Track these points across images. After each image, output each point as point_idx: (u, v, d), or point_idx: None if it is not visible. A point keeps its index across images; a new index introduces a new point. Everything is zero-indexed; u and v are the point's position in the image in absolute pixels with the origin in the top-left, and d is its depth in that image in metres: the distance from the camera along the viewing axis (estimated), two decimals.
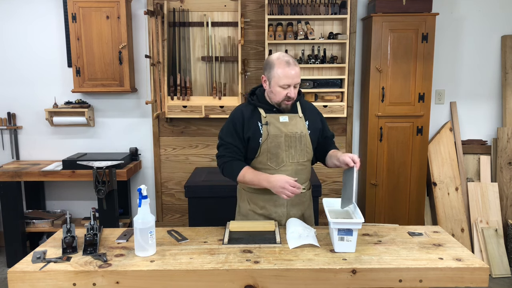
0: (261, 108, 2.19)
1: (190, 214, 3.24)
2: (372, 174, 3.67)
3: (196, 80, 3.78)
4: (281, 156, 2.17)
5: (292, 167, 2.19)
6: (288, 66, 2.07)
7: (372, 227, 2.24)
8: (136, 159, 3.87)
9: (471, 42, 3.84)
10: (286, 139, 2.17)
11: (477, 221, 3.74)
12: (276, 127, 2.16)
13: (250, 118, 2.18)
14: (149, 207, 1.89)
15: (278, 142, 2.16)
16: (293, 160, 2.19)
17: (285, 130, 2.16)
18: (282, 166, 2.18)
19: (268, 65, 2.13)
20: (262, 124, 2.16)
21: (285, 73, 2.06)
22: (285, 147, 2.17)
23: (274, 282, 1.76)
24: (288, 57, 2.10)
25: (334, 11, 3.56)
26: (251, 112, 2.19)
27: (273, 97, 2.15)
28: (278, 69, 2.07)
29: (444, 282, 1.78)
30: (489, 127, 3.95)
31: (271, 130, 2.16)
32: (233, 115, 2.22)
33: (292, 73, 2.07)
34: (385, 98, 3.56)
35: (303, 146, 2.20)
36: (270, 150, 2.17)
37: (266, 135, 2.15)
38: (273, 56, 2.13)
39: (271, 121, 2.17)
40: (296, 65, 2.10)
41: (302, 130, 2.20)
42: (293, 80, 2.08)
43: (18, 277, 1.74)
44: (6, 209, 3.58)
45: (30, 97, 3.87)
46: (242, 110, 2.21)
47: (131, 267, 1.77)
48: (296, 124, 2.19)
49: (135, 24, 3.78)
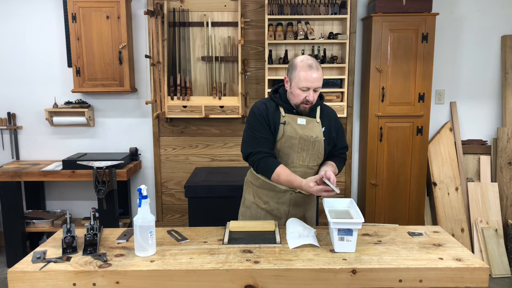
0: (281, 107, 2.20)
1: (190, 214, 3.24)
2: (372, 174, 3.67)
3: (196, 80, 3.78)
4: (292, 157, 2.19)
5: (301, 170, 2.20)
6: (310, 69, 2.07)
7: (372, 227, 2.24)
8: (136, 159, 3.87)
9: (471, 42, 3.84)
10: (300, 142, 2.17)
11: (477, 221, 3.74)
12: (293, 128, 2.17)
13: (273, 112, 2.19)
14: (149, 207, 1.89)
15: (291, 143, 2.17)
16: (303, 163, 2.20)
17: (301, 133, 2.17)
18: (291, 167, 2.19)
19: (291, 66, 2.14)
20: (280, 122, 2.17)
21: (305, 76, 2.07)
22: (297, 149, 2.18)
23: (274, 282, 1.76)
24: (312, 61, 2.10)
25: (334, 11, 3.56)
26: (274, 108, 2.20)
27: (293, 98, 2.16)
28: (300, 71, 2.08)
29: (444, 282, 1.78)
30: (489, 127, 3.95)
31: (287, 130, 2.17)
32: (258, 108, 2.19)
33: (313, 76, 2.07)
34: (385, 98, 3.56)
35: (315, 151, 2.20)
36: (283, 149, 2.18)
37: (282, 134, 2.17)
38: (298, 58, 2.14)
39: (289, 121, 2.18)
40: (318, 69, 2.09)
41: (318, 135, 2.20)
42: (313, 84, 2.08)
43: (18, 277, 1.74)
44: (6, 209, 3.57)
45: (30, 97, 3.87)
46: (266, 104, 2.21)
47: (131, 267, 1.77)
48: (313, 128, 2.20)
49: (135, 24, 3.78)
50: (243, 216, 2.38)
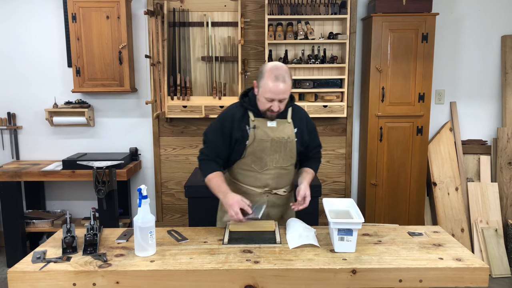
0: (251, 111, 2.20)
1: (190, 214, 3.24)
2: (372, 174, 3.67)
3: (196, 80, 3.78)
4: (265, 160, 2.20)
5: (275, 171, 2.23)
6: (277, 81, 2.03)
7: (372, 227, 2.24)
8: (136, 159, 3.87)
9: (471, 42, 3.84)
10: (272, 144, 2.18)
11: (477, 221, 3.74)
12: (264, 131, 2.17)
13: (240, 120, 2.19)
14: (149, 207, 1.89)
15: (263, 147, 2.18)
16: (276, 164, 2.22)
17: (272, 135, 2.18)
18: (266, 170, 2.21)
19: (261, 72, 2.11)
20: (250, 127, 2.17)
21: (271, 88, 2.04)
22: (270, 152, 2.19)
23: (274, 282, 1.76)
24: (280, 72, 2.05)
25: (334, 11, 3.56)
26: (241, 115, 2.20)
27: (259, 105, 2.16)
28: (267, 80, 2.05)
29: (444, 282, 1.78)
30: (489, 127, 3.95)
31: (258, 134, 2.17)
32: (224, 115, 2.23)
33: (278, 89, 2.03)
34: (385, 98, 3.56)
35: (288, 152, 2.22)
36: (255, 153, 2.19)
37: (253, 138, 2.17)
38: (268, 65, 2.10)
39: (259, 125, 2.18)
40: (285, 81, 2.04)
41: (289, 136, 2.20)
42: (278, 96, 2.06)
43: (18, 277, 1.74)
44: (6, 209, 3.57)
45: (30, 97, 3.87)
46: (233, 112, 2.21)
47: (131, 267, 1.77)
48: (284, 129, 2.20)
49: (135, 24, 3.78)
50: (221, 221, 2.39)
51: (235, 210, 2.01)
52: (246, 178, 2.26)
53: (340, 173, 4.00)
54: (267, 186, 2.25)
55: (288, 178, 2.30)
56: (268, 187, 2.25)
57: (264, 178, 2.23)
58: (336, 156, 3.97)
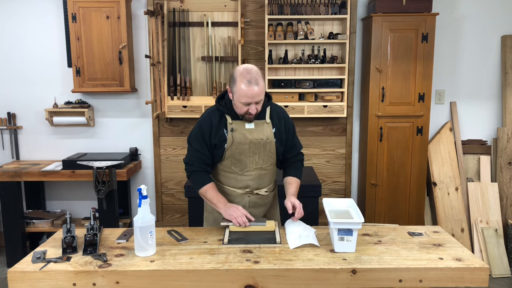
0: (228, 114, 2.19)
1: (190, 214, 3.24)
2: (372, 174, 3.67)
3: (196, 80, 3.78)
4: (244, 162, 2.20)
5: (255, 172, 2.23)
6: (250, 85, 2.03)
7: (372, 227, 2.24)
8: (136, 159, 3.87)
9: (471, 42, 3.84)
10: (251, 146, 2.18)
11: (477, 221, 3.74)
12: (242, 134, 2.17)
13: (217, 125, 2.18)
14: (149, 207, 1.89)
15: (242, 149, 2.18)
16: (256, 166, 2.22)
17: (250, 137, 2.17)
18: (246, 171, 2.22)
19: (232, 78, 2.10)
20: (228, 130, 2.17)
21: (245, 92, 2.03)
22: (249, 153, 2.19)
23: (274, 282, 1.76)
24: (252, 75, 2.04)
25: (334, 11, 3.56)
26: (219, 119, 2.19)
27: (236, 109, 2.15)
28: (240, 85, 2.04)
29: (444, 282, 1.78)
30: (489, 127, 3.95)
31: (236, 137, 2.16)
32: (202, 121, 2.21)
33: (252, 92, 2.03)
34: (385, 98, 3.56)
35: (267, 152, 2.22)
36: (234, 156, 2.19)
37: (231, 141, 2.16)
38: (238, 70, 2.09)
39: (237, 127, 2.17)
40: (258, 83, 2.04)
41: (268, 136, 2.20)
42: (254, 99, 2.05)
43: (18, 277, 1.74)
44: (6, 209, 3.57)
45: (30, 97, 3.87)
46: (210, 116, 2.20)
47: (131, 267, 1.77)
48: (262, 130, 2.20)
49: (135, 24, 3.78)
50: (207, 221, 2.41)
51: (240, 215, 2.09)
52: (227, 179, 2.26)
53: (340, 173, 4.00)
54: (248, 187, 2.25)
55: (269, 178, 2.30)
56: (249, 188, 2.26)
57: (244, 179, 2.24)
58: (336, 156, 3.97)
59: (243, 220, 2.09)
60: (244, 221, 2.09)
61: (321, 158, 3.95)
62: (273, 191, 2.38)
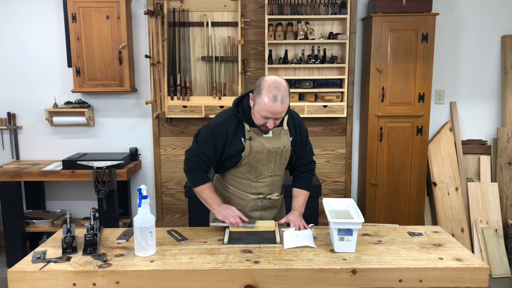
0: (245, 122, 2.12)
1: (190, 214, 3.24)
2: (372, 174, 3.67)
3: (196, 80, 3.78)
4: (260, 169, 2.18)
5: (270, 179, 2.23)
6: (275, 101, 1.94)
7: (372, 227, 2.24)
8: (136, 159, 3.87)
9: (471, 42, 3.84)
10: (268, 154, 2.15)
11: (477, 221, 3.74)
12: (260, 142, 2.12)
13: (234, 134, 2.11)
14: (149, 207, 1.90)
15: (259, 158, 2.15)
16: (271, 173, 2.22)
17: (268, 146, 2.13)
18: (261, 178, 2.21)
19: (258, 88, 2.00)
20: (246, 138, 2.11)
21: (268, 108, 1.95)
22: (265, 162, 2.17)
23: (274, 282, 1.76)
24: (278, 91, 1.94)
25: (334, 11, 3.56)
26: (235, 127, 2.12)
27: (254, 119, 2.07)
28: (264, 99, 1.95)
29: (444, 282, 1.78)
30: (489, 127, 3.95)
31: (254, 146, 2.12)
32: (216, 128, 2.12)
33: (274, 110, 1.96)
34: (385, 98, 3.56)
35: (282, 160, 2.21)
36: (250, 164, 2.16)
37: (249, 150, 2.12)
38: (267, 81, 1.98)
39: (255, 136, 2.12)
40: (283, 102, 1.95)
41: (285, 145, 2.17)
42: (275, 116, 1.98)
43: (18, 277, 1.74)
44: (6, 209, 3.57)
45: (30, 97, 3.86)
46: (226, 125, 2.11)
47: (131, 267, 1.77)
48: (280, 138, 2.16)
49: (135, 24, 3.78)
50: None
51: (233, 216, 2.11)
52: (240, 185, 2.24)
53: (340, 173, 4.00)
54: (262, 193, 2.25)
55: (280, 183, 2.31)
56: (262, 194, 2.25)
57: (258, 186, 2.23)
58: (336, 156, 3.97)
59: (236, 221, 2.10)
60: (237, 221, 2.10)
61: (321, 158, 3.95)
62: (281, 194, 2.38)
